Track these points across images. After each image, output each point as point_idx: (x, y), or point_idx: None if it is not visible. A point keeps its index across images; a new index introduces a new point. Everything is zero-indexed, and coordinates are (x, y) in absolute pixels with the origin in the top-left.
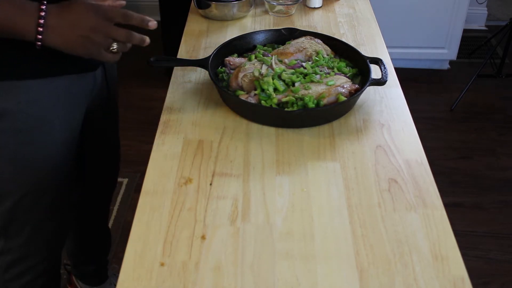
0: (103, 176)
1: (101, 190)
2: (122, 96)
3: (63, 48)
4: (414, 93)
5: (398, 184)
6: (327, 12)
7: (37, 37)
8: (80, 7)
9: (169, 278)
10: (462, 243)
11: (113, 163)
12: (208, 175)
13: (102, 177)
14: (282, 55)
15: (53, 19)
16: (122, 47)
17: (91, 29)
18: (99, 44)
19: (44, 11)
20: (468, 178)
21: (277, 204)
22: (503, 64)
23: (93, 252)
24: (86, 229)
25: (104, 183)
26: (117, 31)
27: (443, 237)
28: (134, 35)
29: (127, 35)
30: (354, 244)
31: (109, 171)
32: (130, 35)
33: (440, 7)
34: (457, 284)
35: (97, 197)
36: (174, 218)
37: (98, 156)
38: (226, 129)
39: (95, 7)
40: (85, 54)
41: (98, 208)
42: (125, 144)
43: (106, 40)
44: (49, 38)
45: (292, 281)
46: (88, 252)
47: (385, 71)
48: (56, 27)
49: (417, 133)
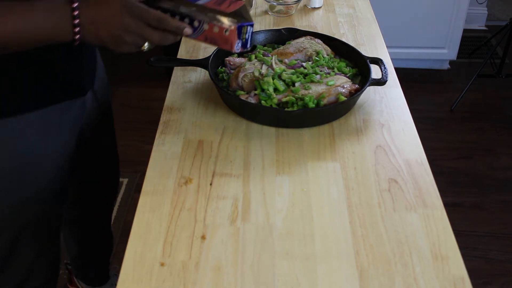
0: (103, 191)
1: (102, 203)
2: (122, 96)
3: (97, 44)
4: (414, 93)
5: (398, 184)
6: (327, 12)
7: (74, 38)
8: (114, 5)
9: (169, 278)
10: (462, 243)
11: (112, 177)
12: (208, 175)
13: (102, 192)
14: (282, 55)
15: (87, 17)
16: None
17: (124, 29)
18: (131, 43)
19: (77, 9)
20: (468, 178)
21: (277, 204)
22: (503, 64)
23: (95, 256)
24: (88, 235)
25: (104, 197)
26: (151, 34)
27: (443, 237)
28: (168, 37)
29: (161, 38)
30: (354, 244)
31: (109, 186)
32: (165, 37)
33: (440, 7)
34: (457, 284)
35: (98, 209)
36: (174, 218)
37: (96, 173)
38: (226, 129)
39: (130, 5)
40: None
41: (101, 215)
42: (125, 144)
43: (139, 40)
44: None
45: (292, 281)
46: (90, 256)
47: (385, 71)
48: (89, 24)
49: (417, 133)
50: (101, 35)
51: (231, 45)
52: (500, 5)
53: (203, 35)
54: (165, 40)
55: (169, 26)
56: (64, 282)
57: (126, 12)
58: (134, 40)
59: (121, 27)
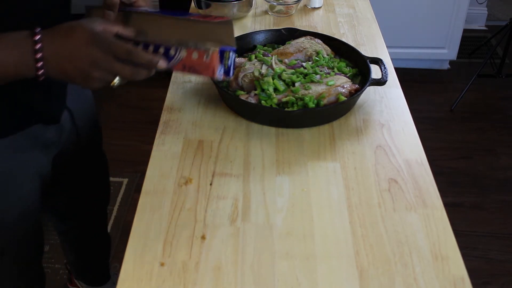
0: (93, 203)
1: (93, 213)
2: (122, 96)
3: (62, 79)
4: (414, 93)
5: (398, 184)
6: (327, 12)
7: (38, 74)
8: (80, 36)
9: (169, 278)
10: (462, 243)
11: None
12: (208, 175)
13: (92, 204)
14: (282, 55)
15: (51, 50)
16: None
17: (91, 64)
18: (99, 79)
19: (39, 42)
20: (468, 178)
21: (277, 204)
22: (503, 64)
23: (93, 260)
24: (84, 242)
25: (95, 207)
26: (121, 68)
27: (443, 237)
28: (141, 72)
29: (133, 72)
30: (354, 244)
31: (99, 197)
32: (136, 72)
33: (440, 7)
34: (457, 284)
35: (90, 219)
36: (174, 218)
37: (84, 188)
38: (226, 129)
39: (97, 37)
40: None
41: (94, 224)
42: (125, 144)
43: (107, 76)
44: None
45: (292, 281)
46: (88, 261)
47: (385, 71)
48: (53, 58)
49: (417, 133)
50: (67, 70)
51: (213, 71)
52: (500, 5)
53: (180, 63)
54: (137, 75)
55: (141, 60)
56: (64, 282)
57: (93, 44)
58: (102, 76)
59: (88, 61)
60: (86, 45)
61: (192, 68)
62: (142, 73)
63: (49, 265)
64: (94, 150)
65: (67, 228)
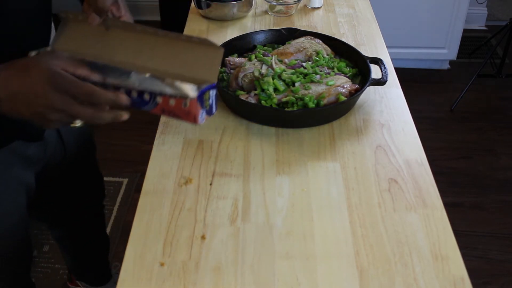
0: (85, 211)
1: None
2: None
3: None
4: (414, 93)
5: (398, 184)
6: (327, 12)
7: None
8: (35, 76)
9: (169, 278)
10: (462, 243)
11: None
12: (208, 175)
13: (84, 213)
14: (282, 55)
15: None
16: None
17: (48, 106)
18: (56, 122)
19: None
20: (468, 178)
21: (277, 204)
22: (503, 64)
23: (92, 262)
24: (80, 247)
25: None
26: (81, 111)
27: (443, 237)
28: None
29: (93, 115)
30: (354, 244)
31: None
32: (98, 115)
33: (440, 7)
34: (457, 284)
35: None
36: (174, 218)
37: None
38: (226, 129)
39: (55, 77)
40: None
41: (89, 229)
42: (125, 144)
43: (66, 118)
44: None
45: (292, 281)
46: (87, 263)
47: (385, 71)
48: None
49: (417, 133)
50: (22, 111)
51: (195, 118)
52: (500, 5)
53: (158, 108)
54: (100, 119)
55: (103, 100)
56: (64, 281)
57: (51, 85)
58: (60, 118)
59: (44, 104)
60: (43, 86)
61: (172, 113)
62: (105, 116)
63: (49, 265)
64: (85, 164)
65: (60, 235)
